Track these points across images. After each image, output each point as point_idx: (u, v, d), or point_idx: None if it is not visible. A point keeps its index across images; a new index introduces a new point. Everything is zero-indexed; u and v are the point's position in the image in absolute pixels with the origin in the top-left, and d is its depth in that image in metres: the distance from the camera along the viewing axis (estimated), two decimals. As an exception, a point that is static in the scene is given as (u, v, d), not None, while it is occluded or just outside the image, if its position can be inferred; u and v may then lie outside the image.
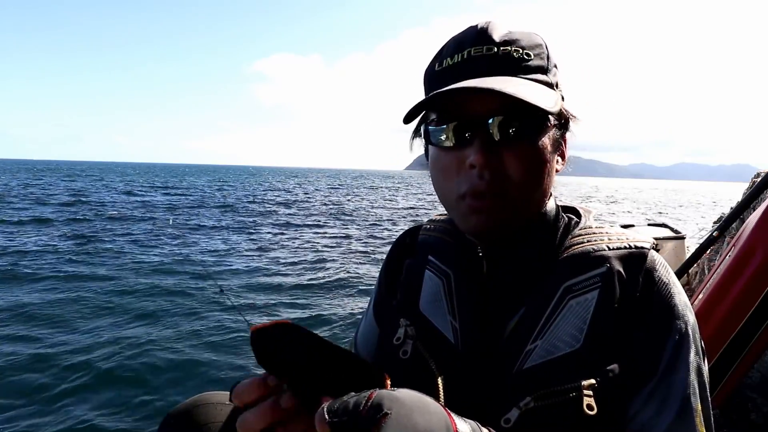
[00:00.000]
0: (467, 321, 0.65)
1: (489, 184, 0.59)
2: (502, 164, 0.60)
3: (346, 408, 0.41)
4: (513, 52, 0.60)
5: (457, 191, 0.62)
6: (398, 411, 0.40)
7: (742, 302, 1.61)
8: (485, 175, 0.59)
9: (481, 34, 0.62)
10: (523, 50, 0.61)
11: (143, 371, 4.22)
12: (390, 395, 0.41)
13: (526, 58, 0.61)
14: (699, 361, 0.61)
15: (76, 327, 5.25)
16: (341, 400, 0.42)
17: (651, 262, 0.63)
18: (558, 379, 0.57)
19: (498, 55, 0.60)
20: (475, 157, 0.59)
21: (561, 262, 0.64)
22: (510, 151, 0.60)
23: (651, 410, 0.58)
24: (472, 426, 0.47)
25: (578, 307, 0.60)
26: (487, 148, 0.59)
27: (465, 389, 0.61)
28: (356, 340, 0.88)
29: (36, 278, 7.18)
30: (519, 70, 0.60)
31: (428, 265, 0.74)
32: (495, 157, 0.59)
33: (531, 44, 0.62)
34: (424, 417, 0.42)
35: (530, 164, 0.61)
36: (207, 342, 4.96)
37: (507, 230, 0.64)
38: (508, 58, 0.60)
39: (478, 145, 0.59)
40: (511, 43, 0.61)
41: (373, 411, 0.40)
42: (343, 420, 0.40)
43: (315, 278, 8.07)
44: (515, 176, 0.60)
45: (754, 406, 2.13)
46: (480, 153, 0.59)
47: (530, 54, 0.61)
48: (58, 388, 3.89)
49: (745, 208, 1.97)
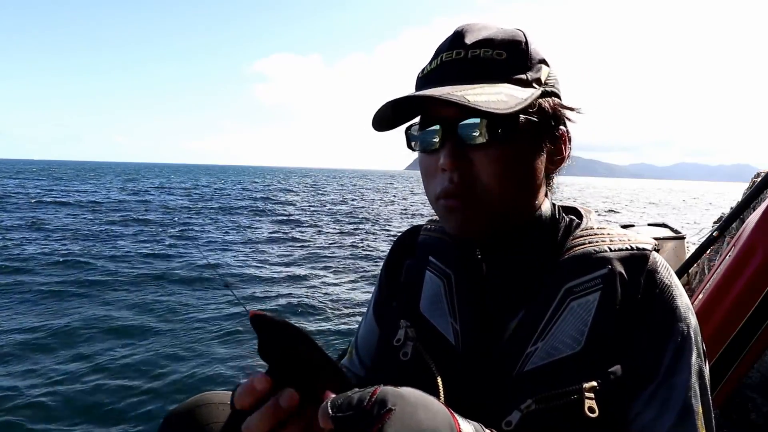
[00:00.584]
0: (468, 322, 0.65)
1: (458, 186, 0.61)
2: (471, 167, 0.61)
3: (350, 403, 0.41)
4: (482, 53, 0.61)
5: (434, 192, 0.65)
6: (402, 407, 0.40)
7: (742, 302, 1.61)
8: (454, 178, 0.61)
9: (454, 39, 0.64)
10: (494, 50, 0.61)
11: (144, 370, 4.22)
12: (394, 392, 0.41)
13: (496, 58, 0.61)
14: (701, 363, 0.61)
15: (76, 323, 5.25)
16: (345, 395, 0.42)
17: (653, 264, 0.63)
18: (559, 382, 0.57)
19: (467, 58, 0.61)
20: (444, 161, 0.61)
21: (562, 263, 0.64)
22: (479, 153, 0.61)
23: (652, 412, 0.58)
24: (476, 427, 0.47)
25: (579, 308, 0.60)
26: (456, 152, 0.61)
27: (465, 391, 0.61)
28: (356, 341, 0.88)
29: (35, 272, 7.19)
30: (486, 71, 0.61)
31: (429, 265, 0.74)
32: (464, 160, 0.61)
33: (505, 43, 0.62)
34: (428, 415, 0.41)
35: (501, 166, 0.61)
36: (208, 342, 4.96)
37: (488, 231, 0.64)
38: (476, 60, 0.61)
39: (447, 148, 0.61)
40: (481, 44, 0.61)
41: (377, 406, 0.40)
42: (347, 415, 0.40)
43: (314, 278, 8.07)
44: (484, 178, 0.61)
45: (754, 406, 2.13)
46: (448, 156, 0.61)
47: (502, 53, 0.61)
48: (58, 386, 3.88)
49: (745, 208, 1.97)
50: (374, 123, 0.65)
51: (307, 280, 7.91)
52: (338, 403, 0.41)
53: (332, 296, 7.01)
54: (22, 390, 3.79)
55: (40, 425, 3.37)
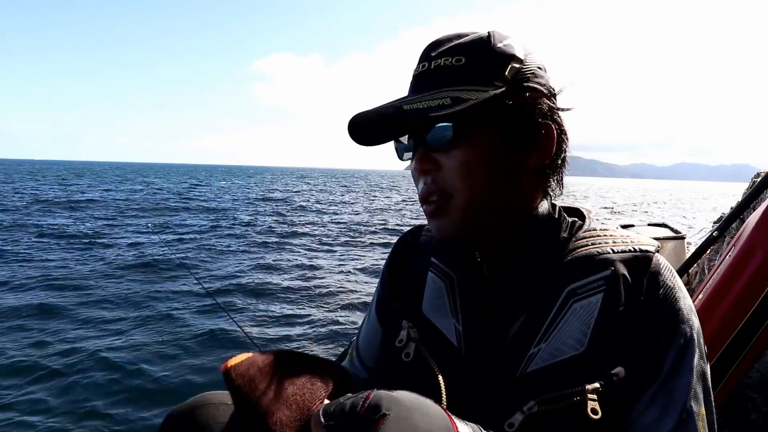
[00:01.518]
0: (470, 323, 0.65)
1: (429, 189, 0.64)
2: (439, 170, 0.64)
3: (343, 410, 0.40)
4: (443, 62, 0.63)
5: (419, 197, 0.68)
6: (397, 412, 0.40)
7: (742, 302, 1.61)
8: (427, 182, 0.65)
9: (423, 53, 0.67)
10: (453, 58, 0.63)
11: (142, 372, 4.21)
12: (389, 396, 0.41)
13: (455, 64, 0.63)
14: (703, 366, 0.61)
15: (78, 324, 5.25)
16: (338, 401, 0.41)
17: (656, 266, 0.63)
18: (562, 383, 0.57)
19: (430, 69, 0.64)
20: (415, 166, 0.65)
21: (564, 264, 0.64)
22: (443, 157, 0.63)
23: (653, 414, 0.58)
24: (474, 429, 0.47)
25: (582, 310, 0.60)
26: (424, 157, 0.64)
27: (468, 392, 0.61)
28: (358, 341, 0.88)
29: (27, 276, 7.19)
30: (445, 79, 0.63)
31: (431, 266, 0.74)
32: (432, 164, 0.64)
33: (464, 48, 0.63)
34: (424, 419, 0.41)
35: (465, 166, 0.62)
36: (205, 343, 4.95)
37: (468, 232, 0.65)
38: (437, 70, 0.64)
39: (417, 154, 0.65)
40: (442, 54, 0.64)
41: (370, 412, 0.39)
42: (340, 423, 0.39)
43: (312, 280, 8.06)
44: (451, 179, 0.63)
45: (754, 406, 2.13)
46: (417, 162, 0.65)
47: (461, 59, 0.63)
48: (58, 387, 3.88)
49: (745, 208, 1.97)
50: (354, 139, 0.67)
51: (302, 281, 7.91)
52: (330, 411, 0.40)
53: (332, 295, 7.01)
54: (16, 394, 3.78)
55: (41, 425, 3.37)
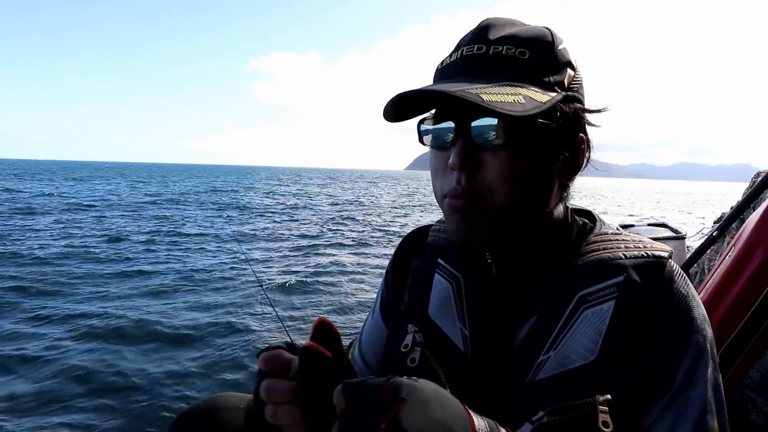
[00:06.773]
0: (477, 328, 0.64)
1: (465, 187, 0.60)
2: (480, 168, 0.59)
3: (364, 386, 0.40)
4: (504, 51, 0.59)
5: (441, 190, 0.63)
6: (416, 399, 0.39)
7: (742, 302, 1.61)
8: (462, 179, 0.60)
9: (476, 33, 0.61)
10: (517, 49, 0.59)
11: (152, 371, 4.20)
12: (409, 383, 0.41)
13: (518, 57, 0.58)
14: (717, 376, 0.58)
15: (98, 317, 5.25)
16: (360, 379, 0.42)
17: (669, 273, 0.60)
18: (572, 393, 0.55)
19: (488, 54, 0.59)
20: (454, 160, 0.59)
21: (576, 269, 0.62)
22: (490, 155, 0.59)
23: (665, 425, 0.56)
24: (490, 424, 0.46)
25: (593, 317, 0.58)
26: (467, 151, 0.59)
27: (475, 400, 0.59)
28: (360, 340, 0.86)
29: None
30: (507, 70, 0.58)
31: (437, 268, 0.72)
32: (474, 160, 0.59)
33: (529, 41, 0.59)
34: (441, 409, 0.41)
35: (511, 171, 0.59)
36: (220, 343, 4.94)
37: (490, 238, 0.62)
38: (497, 58, 0.59)
39: (459, 147, 0.59)
40: (504, 41, 0.59)
41: (391, 395, 0.39)
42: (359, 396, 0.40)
43: (313, 276, 8.06)
44: (493, 182, 0.59)
45: (754, 406, 2.14)
46: (458, 156, 0.59)
47: (525, 52, 0.58)
48: (66, 385, 3.88)
49: (745, 208, 1.97)
50: (386, 114, 0.62)
51: (307, 277, 7.91)
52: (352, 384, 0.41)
53: (336, 294, 7.01)
54: (25, 390, 3.78)
55: (45, 426, 3.37)
